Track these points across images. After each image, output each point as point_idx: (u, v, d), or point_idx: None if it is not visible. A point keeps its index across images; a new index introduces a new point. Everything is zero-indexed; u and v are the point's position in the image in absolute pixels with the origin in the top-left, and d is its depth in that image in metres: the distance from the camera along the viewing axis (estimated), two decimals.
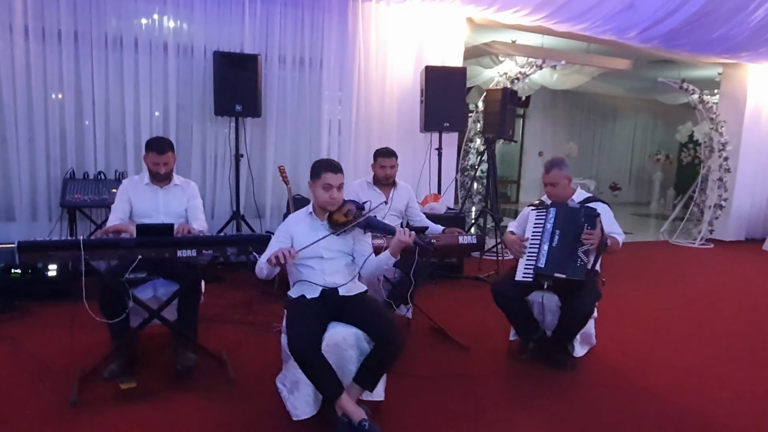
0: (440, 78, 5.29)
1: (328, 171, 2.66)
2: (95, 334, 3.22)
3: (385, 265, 2.68)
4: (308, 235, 2.72)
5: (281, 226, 2.79)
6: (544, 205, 3.44)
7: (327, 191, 2.66)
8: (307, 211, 2.79)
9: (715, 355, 3.68)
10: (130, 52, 4.76)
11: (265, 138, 5.34)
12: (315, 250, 2.70)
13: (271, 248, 2.68)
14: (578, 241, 3.12)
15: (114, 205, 3.27)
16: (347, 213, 2.72)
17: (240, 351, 3.36)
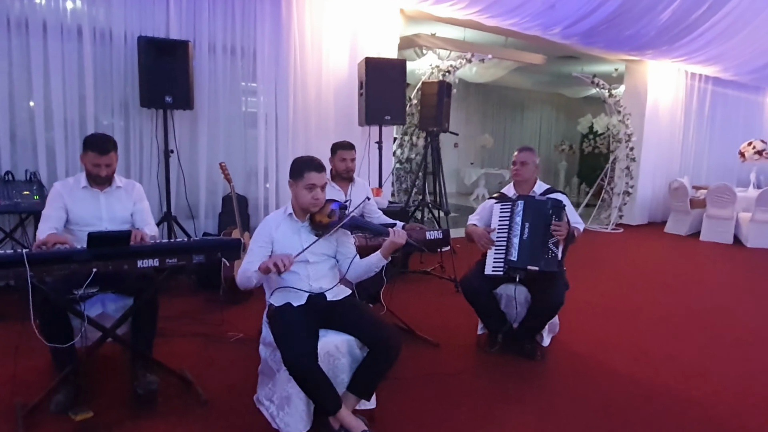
0: (380, 70, 5.18)
1: (312, 170, 2.48)
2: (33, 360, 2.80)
3: (375, 267, 2.56)
4: (290, 238, 2.53)
5: (259, 229, 2.56)
6: (508, 198, 3.47)
7: (310, 192, 2.48)
8: (286, 213, 2.59)
9: (656, 331, 3.95)
10: (38, 37, 4.17)
11: (196, 132, 4.93)
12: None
13: (253, 254, 2.46)
14: (548, 233, 3.16)
15: (45, 212, 2.83)
16: (330, 213, 2.55)
17: (201, 366, 3.08)
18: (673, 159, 9.31)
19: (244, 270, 2.41)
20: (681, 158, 9.43)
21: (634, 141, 8.44)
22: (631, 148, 8.44)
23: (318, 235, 2.56)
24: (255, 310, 4.05)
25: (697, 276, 5.85)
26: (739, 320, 4.30)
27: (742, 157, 8.39)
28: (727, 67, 8.36)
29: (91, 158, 2.87)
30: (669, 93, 8.94)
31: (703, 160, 9.87)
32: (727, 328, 4.11)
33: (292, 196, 2.58)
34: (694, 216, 8.31)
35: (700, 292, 5.16)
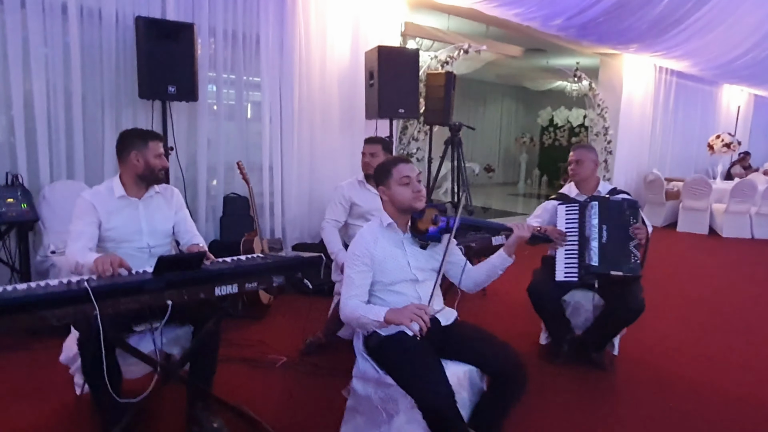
0: (393, 60, 4.82)
1: (399, 163, 2.16)
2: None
3: (500, 270, 2.25)
4: (393, 253, 2.18)
5: (354, 249, 2.17)
6: (572, 199, 3.25)
7: (408, 186, 2.14)
8: (382, 224, 2.22)
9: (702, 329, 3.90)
10: (15, 12, 3.51)
11: (195, 126, 4.39)
12: (405, 273, 2.19)
13: (355, 285, 2.10)
14: (628, 236, 2.98)
15: (75, 228, 2.33)
16: (435, 220, 2.22)
17: (256, 399, 2.68)
18: (643, 152, 9.53)
19: (353, 309, 2.03)
20: (650, 151, 9.67)
21: (611, 134, 8.54)
22: (609, 141, 8.53)
23: (423, 246, 2.23)
24: (283, 327, 3.68)
25: (698, 268, 5.94)
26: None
27: (710, 149, 8.69)
28: (698, 62, 8.60)
29: (155, 148, 2.43)
30: (641, 87, 9.11)
31: (668, 153, 10.18)
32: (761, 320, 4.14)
33: (387, 203, 2.22)
34: (668, 207, 8.53)
35: (714, 284, 5.22)
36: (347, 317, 2.06)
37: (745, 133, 12.38)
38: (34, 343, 3.18)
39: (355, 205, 3.42)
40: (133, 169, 2.45)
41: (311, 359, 3.19)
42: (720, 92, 11.34)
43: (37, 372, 2.89)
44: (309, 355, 3.24)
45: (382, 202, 2.25)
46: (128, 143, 2.45)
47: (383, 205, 2.26)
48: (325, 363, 3.14)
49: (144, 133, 2.52)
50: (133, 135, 2.49)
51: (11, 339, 3.16)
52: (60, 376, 2.69)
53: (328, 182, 5.12)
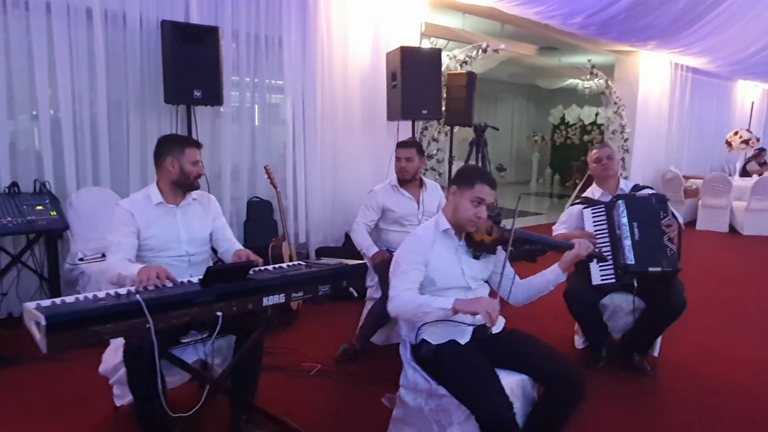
0: (415, 60, 4.76)
1: (485, 183, 2.08)
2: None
3: (552, 285, 2.19)
4: (448, 259, 2.13)
5: (411, 246, 2.11)
6: (597, 201, 3.19)
7: (475, 207, 2.07)
8: (439, 228, 2.16)
9: (742, 331, 3.82)
10: (40, 17, 3.47)
11: (219, 130, 4.35)
12: (458, 280, 2.13)
13: (410, 278, 2.02)
14: (660, 231, 2.92)
15: (114, 239, 2.28)
16: (490, 230, 2.16)
17: (296, 409, 2.62)
18: (660, 149, 9.43)
19: (411, 299, 1.96)
20: (666, 148, 9.58)
21: (628, 132, 8.45)
22: (626, 139, 8.45)
23: (476, 256, 2.18)
24: (314, 334, 3.63)
25: (722, 267, 5.86)
26: None
27: (728, 146, 8.59)
28: (715, 59, 8.50)
29: (191, 155, 2.39)
30: (657, 84, 9.02)
31: (684, 150, 10.08)
32: None
33: (450, 206, 2.16)
34: (687, 205, 8.44)
35: (741, 284, 5.14)
36: (401, 307, 1.97)
37: (759, 129, 12.25)
38: (68, 353, 3.13)
39: (389, 210, 3.36)
40: (169, 175, 2.41)
41: (347, 367, 3.14)
42: (734, 88, 11.23)
43: (73, 383, 2.84)
44: (344, 363, 3.19)
45: (447, 201, 2.19)
46: (165, 149, 2.41)
47: (446, 205, 2.20)
48: (361, 371, 3.09)
49: (181, 140, 2.49)
50: (170, 141, 2.46)
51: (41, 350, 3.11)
52: (97, 387, 2.65)
53: (351, 185, 5.09)
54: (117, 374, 2.40)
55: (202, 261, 2.52)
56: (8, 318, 3.59)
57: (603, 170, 3.25)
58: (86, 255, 3.49)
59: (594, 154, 3.27)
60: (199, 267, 2.45)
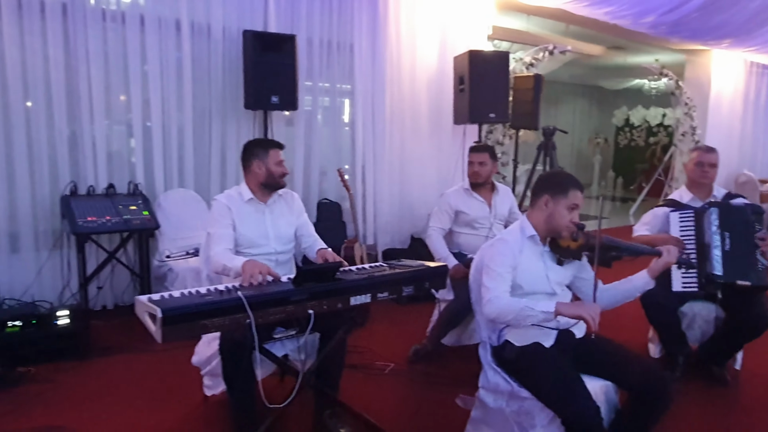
0: (484, 64, 4.78)
1: (578, 189, 2.11)
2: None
3: (638, 292, 2.18)
4: (535, 265, 2.15)
5: (503, 249, 2.14)
6: (685, 205, 3.11)
7: (571, 212, 2.09)
8: (524, 234, 2.18)
9: None
10: (134, 29, 3.72)
11: (293, 134, 4.52)
12: (544, 286, 2.15)
13: (504, 280, 2.05)
14: (753, 243, 2.82)
15: (215, 232, 2.42)
16: (576, 236, 2.16)
17: (374, 406, 2.70)
18: (733, 152, 9.00)
19: (510, 303, 1.99)
20: (740, 151, 9.14)
21: (699, 134, 8.13)
22: (697, 141, 8.12)
23: (561, 262, 2.19)
24: (385, 333, 3.70)
25: None
26: None
27: None
28: None
29: (274, 156, 2.52)
30: (730, 83, 8.62)
31: (759, 152, 9.59)
32: None
33: (541, 213, 2.17)
34: None
35: None
36: (501, 310, 1.99)
37: None
38: (154, 345, 3.31)
39: (461, 213, 3.40)
40: (256, 177, 2.54)
41: (419, 367, 3.20)
42: None
43: (166, 372, 3.03)
44: (416, 363, 3.25)
45: (535, 209, 2.20)
46: (251, 153, 2.55)
47: (533, 212, 2.20)
48: (434, 371, 3.14)
49: (264, 142, 2.62)
50: (254, 145, 2.59)
51: (139, 341, 3.33)
52: (189, 377, 2.81)
53: (417, 188, 5.16)
54: (209, 366, 2.55)
55: (288, 260, 2.65)
56: (103, 310, 3.85)
57: (702, 176, 3.16)
58: (173, 253, 3.71)
59: (696, 157, 3.16)
60: (284, 266, 2.59)
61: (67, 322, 3.18)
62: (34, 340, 3.05)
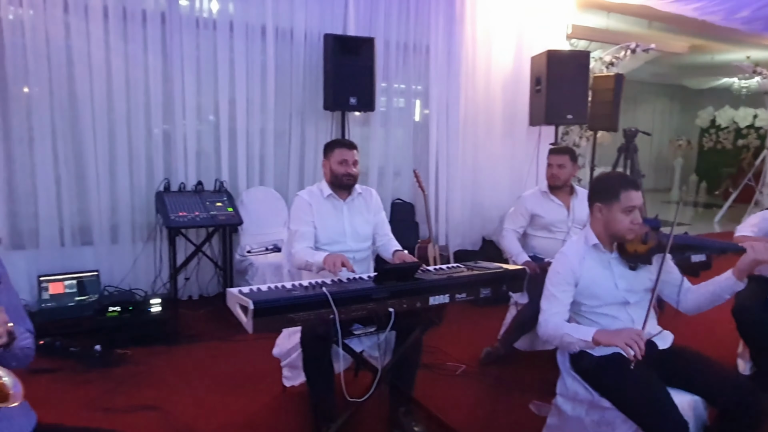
0: (562, 64, 4.68)
1: (629, 188, 2.02)
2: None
3: (727, 294, 2.06)
4: (601, 275, 2.09)
5: (557, 267, 2.11)
6: None
7: (628, 215, 2.01)
8: (587, 243, 2.12)
9: None
10: (224, 35, 3.93)
11: (368, 134, 4.61)
12: (613, 295, 2.09)
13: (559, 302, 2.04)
14: None
15: (297, 228, 2.52)
16: (645, 239, 2.08)
17: (447, 407, 2.72)
18: None
19: (557, 327, 1.98)
20: None
21: None
22: None
23: (633, 267, 2.12)
24: (457, 334, 3.70)
25: None
26: None
27: None
28: None
29: (338, 155, 2.56)
30: None
31: None
32: None
33: (598, 223, 2.12)
34: None
35: None
36: (549, 334, 2.01)
37: None
38: (235, 335, 3.51)
39: (537, 217, 3.36)
40: (325, 176, 2.64)
41: (491, 370, 3.19)
42: None
43: (247, 362, 3.18)
44: (487, 366, 3.24)
45: (592, 217, 2.17)
46: (326, 153, 2.64)
47: (592, 221, 2.17)
48: (506, 375, 3.12)
49: (333, 142, 2.69)
50: (329, 145, 2.67)
51: (222, 330, 3.53)
52: (268, 368, 2.94)
53: (489, 189, 5.12)
54: (289, 358, 2.66)
55: (365, 258, 2.71)
56: (189, 300, 4.09)
57: None
58: (253, 248, 3.89)
59: None
60: (362, 264, 2.65)
61: (158, 309, 3.41)
62: (131, 325, 3.30)
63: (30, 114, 3.47)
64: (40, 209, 3.56)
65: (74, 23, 3.46)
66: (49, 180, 3.56)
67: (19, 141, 3.47)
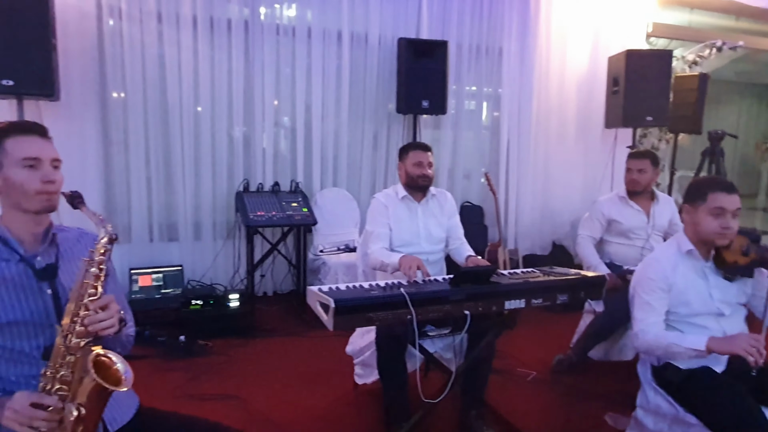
0: (643, 64, 4.52)
1: (719, 190, 1.94)
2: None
3: None
4: (695, 283, 2.01)
5: (651, 273, 2.03)
6: None
7: (717, 218, 1.93)
8: (681, 249, 2.04)
9: None
10: (303, 41, 4.07)
11: (439, 137, 4.64)
12: (707, 306, 2.01)
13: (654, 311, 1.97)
14: None
15: (374, 230, 2.59)
16: (746, 250, 1.99)
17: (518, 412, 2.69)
18: None
19: (658, 337, 1.92)
20: None
21: None
22: None
23: (729, 278, 2.03)
24: (528, 339, 3.64)
25: None
26: None
27: None
28: None
29: (413, 157, 2.61)
30: None
31: None
32: None
33: (689, 227, 2.04)
34: None
35: None
36: (648, 344, 1.95)
37: None
38: (308, 331, 3.62)
39: (615, 222, 3.26)
40: (401, 178, 2.69)
41: (562, 378, 3.13)
42: None
43: (320, 358, 3.28)
44: (559, 374, 3.18)
45: (684, 222, 2.10)
46: (401, 155, 2.70)
47: (686, 226, 2.10)
48: (579, 384, 3.05)
49: (409, 145, 2.74)
50: (402, 149, 2.74)
51: (296, 326, 3.65)
52: (340, 365, 3.02)
53: (560, 193, 5.02)
54: (362, 356, 2.72)
55: (438, 260, 2.74)
56: (264, 296, 4.26)
57: None
58: (326, 247, 4.00)
59: None
60: (435, 265, 2.68)
61: (237, 304, 3.58)
62: (211, 318, 3.48)
63: (126, 118, 3.74)
64: (133, 207, 3.83)
65: (167, 32, 3.70)
66: (141, 180, 3.82)
67: (116, 144, 3.74)
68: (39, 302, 1.37)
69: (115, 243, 1.41)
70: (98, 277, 1.34)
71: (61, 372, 1.27)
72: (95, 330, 1.28)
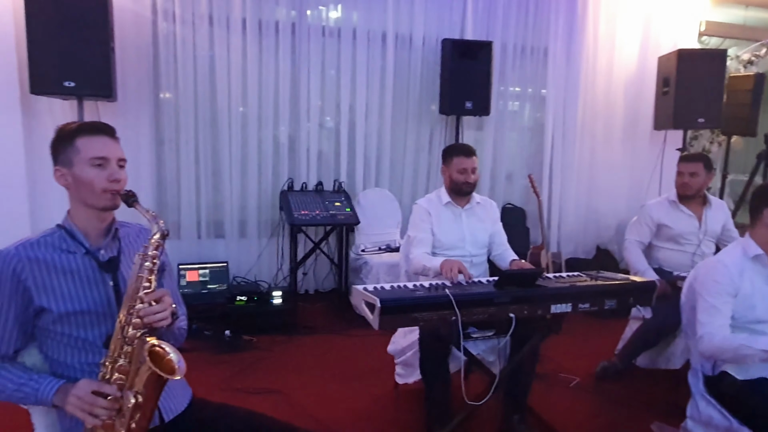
0: (695, 64, 4.38)
1: None
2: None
3: None
4: (761, 290, 1.97)
5: (717, 276, 1.97)
6: None
7: None
8: (747, 255, 1.99)
9: None
10: (348, 43, 4.12)
11: (482, 138, 4.61)
12: None
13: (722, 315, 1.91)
14: None
15: (416, 235, 2.61)
16: None
17: (560, 418, 2.66)
18: None
19: (727, 339, 1.86)
20: None
21: None
22: None
23: None
24: (572, 344, 3.58)
25: None
26: None
27: None
28: None
29: (457, 164, 2.60)
30: None
31: None
32: None
33: (761, 230, 1.98)
34: None
35: None
36: (716, 347, 1.88)
37: None
38: (349, 330, 3.66)
39: (665, 227, 3.18)
40: (444, 182, 2.69)
41: (606, 385, 3.07)
42: None
43: (362, 356, 3.32)
44: (603, 380, 3.12)
45: (756, 225, 2.00)
46: (445, 159, 2.69)
47: (755, 230, 2.00)
48: (624, 392, 2.99)
49: (451, 149, 2.72)
50: (445, 150, 2.74)
51: (337, 324, 3.70)
52: (381, 364, 3.04)
53: (605, 196, 4.92)
54: (404, 356, 2.74)
55: (482, 263, 2.73)
56: (306, 294, 4.33)
57: None
58: (367, 247, 4.04)
59: None
60: (479, 267, 2.68)
61: (280, 301, 3.65)
62: (255, 314, 3.56)
63: (177, 119, 3.87)
64: (183, 205, 3.96)
65: (217, 35, 3.81)
66: (191, 179, 3.94)
67: (168, 143, 3.87)
68: (102, 293, 1.44)
69: (166, 238, 1.46)
70: (152, 271, 1.39)
71: (120, 362, 1.33)
72: (150, 322, 1.34)
